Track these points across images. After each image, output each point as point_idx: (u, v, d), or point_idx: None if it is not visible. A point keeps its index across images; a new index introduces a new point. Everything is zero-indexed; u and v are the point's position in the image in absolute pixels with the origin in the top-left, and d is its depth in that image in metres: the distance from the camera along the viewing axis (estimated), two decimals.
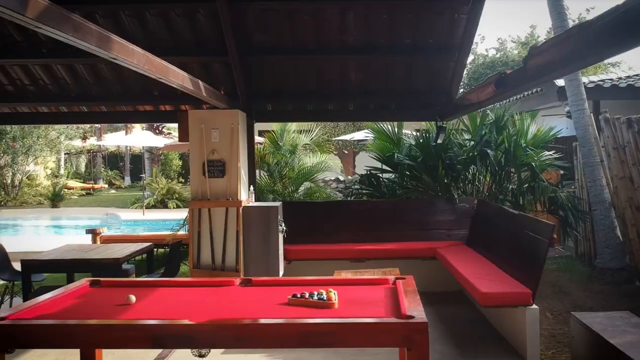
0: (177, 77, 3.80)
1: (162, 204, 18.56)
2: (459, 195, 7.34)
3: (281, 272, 5.99)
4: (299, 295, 3.47)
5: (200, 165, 5.72)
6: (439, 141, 7.23)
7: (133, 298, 3.45)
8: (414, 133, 8.47)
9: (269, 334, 2.86)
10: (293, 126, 8.58)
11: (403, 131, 8.12)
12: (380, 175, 8.17)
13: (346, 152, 19.05)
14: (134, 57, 3.02)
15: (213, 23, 5.93)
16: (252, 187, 6.28)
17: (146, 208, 17.32)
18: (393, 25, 6.04)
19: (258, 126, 7.59)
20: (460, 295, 6.45)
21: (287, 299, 3.46)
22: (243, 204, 5.81)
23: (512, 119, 7.92)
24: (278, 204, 6.11)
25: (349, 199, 8.35)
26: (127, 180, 29.23)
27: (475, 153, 7.35)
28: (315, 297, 3.42)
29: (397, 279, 3.91)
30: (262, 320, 2.92)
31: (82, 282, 3.93)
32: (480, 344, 5.03)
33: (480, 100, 5.07)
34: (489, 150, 7.25)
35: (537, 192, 7.27)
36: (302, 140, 8.52)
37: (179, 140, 6.09)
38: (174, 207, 18.17)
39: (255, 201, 6.46)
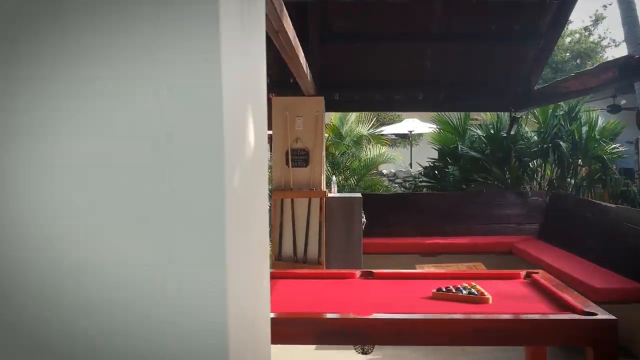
0: (300, 54, 3.59)
1: None
2: (531, 188, 7.12)
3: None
4: (444, 289, 3.26)
5: (284, 154, 5.49)
6: (512, 132, 7.00)
7: None
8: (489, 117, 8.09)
9: (445, 331, 2.65)
10: (352, 117, 8.35)
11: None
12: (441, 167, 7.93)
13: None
14: (289, 29, 2.81)
15: (294, 9, 5.69)
16: (334, 177, 6.06)
17: None
18: (480, 10, 5.81)
19: None
20: None
21: (430, 293, 3.26)
22: (327, 195, 5.60)
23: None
24: (359, 195, 5.89)
25: (409, 191, 8.13)
26: None
27: (550, 144, 7.11)
28: (465, 292, 3.21)
29: (529, 272, 3.72)
30: (440, 316, 2.70)
31: None
32: None
33: (586, 87, 4.85)
34: (561, 142, 7.03)
35: (608, 185, 7.07)
36: (362, 131, 8.28)
37: None
38: None
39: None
